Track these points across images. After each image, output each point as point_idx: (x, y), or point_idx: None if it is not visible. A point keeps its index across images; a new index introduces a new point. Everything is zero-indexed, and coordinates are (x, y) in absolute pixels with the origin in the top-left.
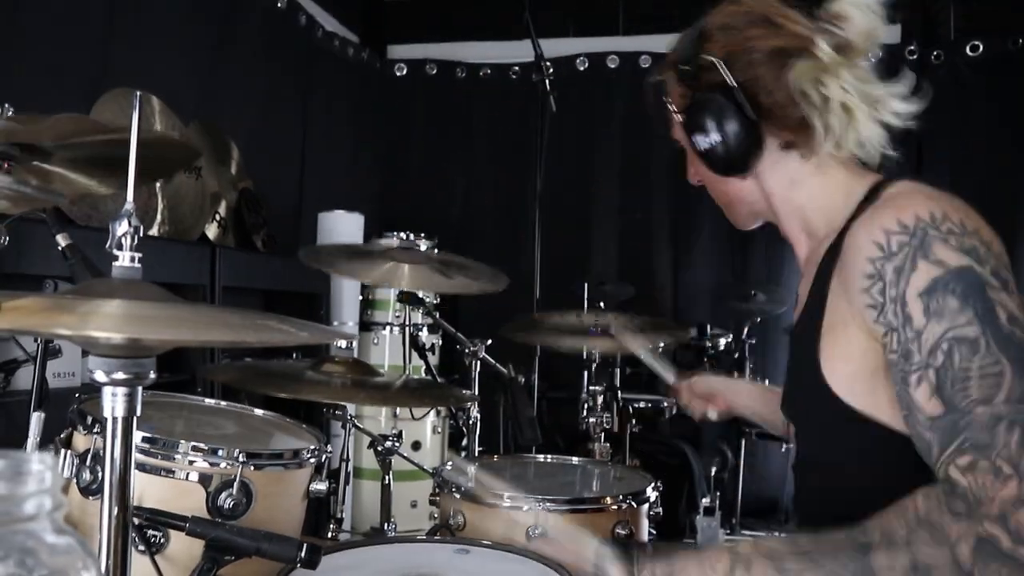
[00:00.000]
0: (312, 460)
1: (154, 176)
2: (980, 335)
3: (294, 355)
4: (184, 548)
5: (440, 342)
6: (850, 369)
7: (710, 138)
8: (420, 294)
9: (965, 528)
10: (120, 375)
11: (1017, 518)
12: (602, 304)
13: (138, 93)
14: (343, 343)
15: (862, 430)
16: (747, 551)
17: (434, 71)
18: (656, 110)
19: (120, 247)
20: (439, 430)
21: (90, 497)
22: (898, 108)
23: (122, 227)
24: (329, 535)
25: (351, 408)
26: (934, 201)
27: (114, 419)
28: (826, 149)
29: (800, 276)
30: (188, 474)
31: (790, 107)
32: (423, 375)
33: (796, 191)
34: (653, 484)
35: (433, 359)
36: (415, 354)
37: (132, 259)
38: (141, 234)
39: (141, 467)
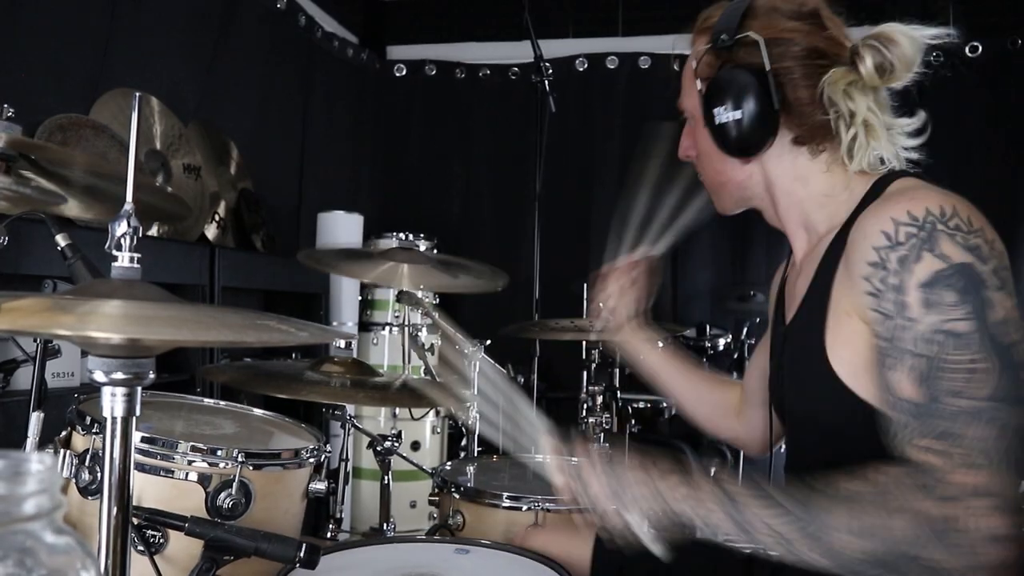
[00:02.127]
0: (311, 460)
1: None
2: (971, 331)
3: (293, 355)
4: (183, 548)
5: (439, 342)
6: (856, 359)
7: (729, 114)
8: (420, 294)
9: (919, 501)
10: (119, 375)
11: (972, 505)
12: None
13: (137, 94)
14: (342, 343)
15: (870, 421)
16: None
17: (433, 72)
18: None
19: (119, 247)
20: (438, 430)
21: (89, 497)
22: (907, 143)
23: (121, 227)
24: (328, 535)
25: (350, 408)
26: (943, 197)
27: (113, 419)
28: (843, 159)
29: (789, 272)
30: (187, 474)
31: (812, 108)
32: (422, 375)
33: (801, 186)
34: None
35: (432, 359)
36: (414, 354)
37: (131, 259)
38: (140, 234)
39: (140, 467)
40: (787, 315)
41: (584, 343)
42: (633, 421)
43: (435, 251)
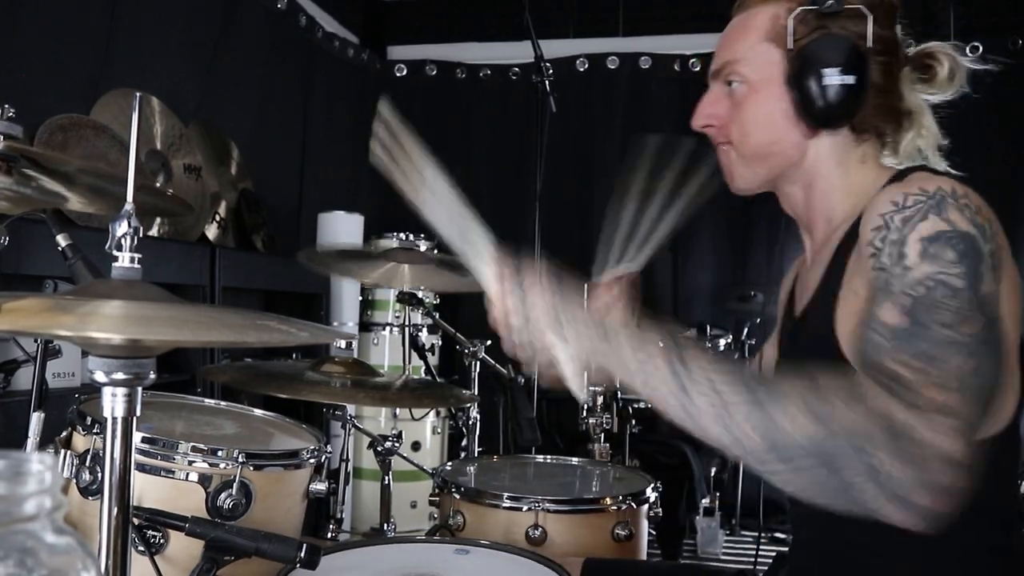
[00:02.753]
0: (311, 460)
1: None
2: (964, 288)
3: (294, 355)
4: (184, 548)
5: (440, 342)
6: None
7: (823, 81)
8: (420, 294)
9: (887, 403)
10: (120, 375)
11: (936, 422)
12: None
13: (138, 95)
14: (343, 343)
15: None
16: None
17: (434, 72)
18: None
19: (119, 248)
20: (439, 431)
21: (90, 497)
22: (938, 155)
23: (122, 228)
24: (329, 535)
25: (351, 408)
26: (956, 182)
27: (114, 419)
28: (876, 154)
29: (802, 267)
30: (188, 474)
31: (884, 96)
32: (423, 375)
33: (841, 172)
34: (653, 485)
35: (433, 359)
36: (415, 354)
37: (132, 260)
38: (140, 235)
39: (141, 467)
40: (797, 308)
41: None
42: (634, 421)
43: (436, 251)
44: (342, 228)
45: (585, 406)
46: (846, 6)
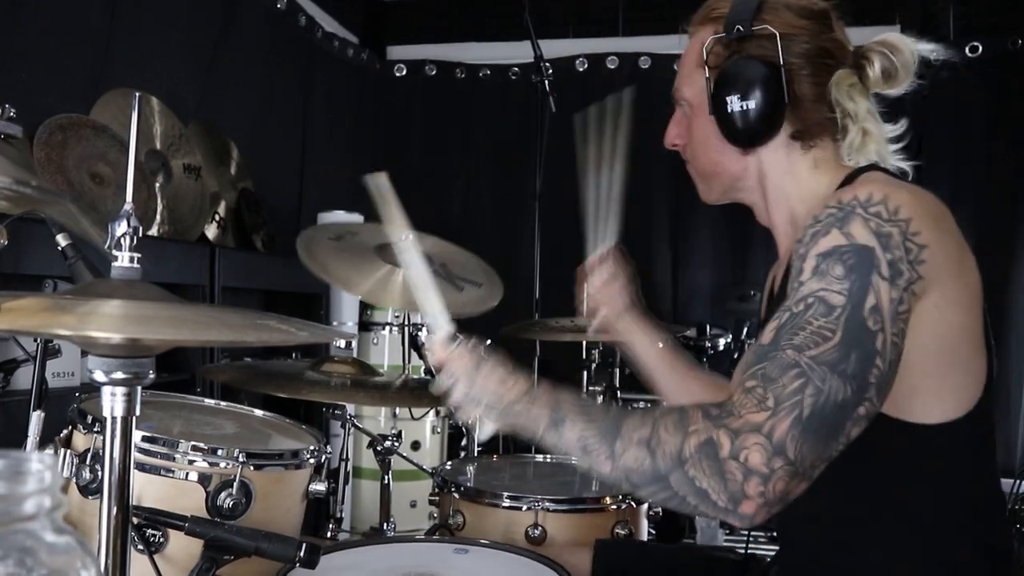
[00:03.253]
0: (311, 460)
1: None
2: (839, 305)
3: (294, 355)
4: (183, 547)
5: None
6: None
7: (739, 103)
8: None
9: (706, 426)
10: (119, 375)
11: (747, 440)
12: None
13: (137, 94)
14: (342, 343)
15: None
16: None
17: (433, 72)
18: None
19: (119, 247)
20: (438, 430)
21: (89, 497)
22: (890, 148)
23: (121, 227)
24: (328, 535)
25: (350, 408)
26: (879, 186)
27: (113, 419)
28: (830, 158)
29: (778, 270)
30: (188, 474)
31: (815, 105)
32: (422, 375)
33: (790, 181)
34: None
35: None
36: (414, 354)
37: (131, 259)
38: (140, 234)
39: (141, 467)
40: (764, 313)
41: (584, 343)
42: None
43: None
44: None
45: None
46: (754, 29)
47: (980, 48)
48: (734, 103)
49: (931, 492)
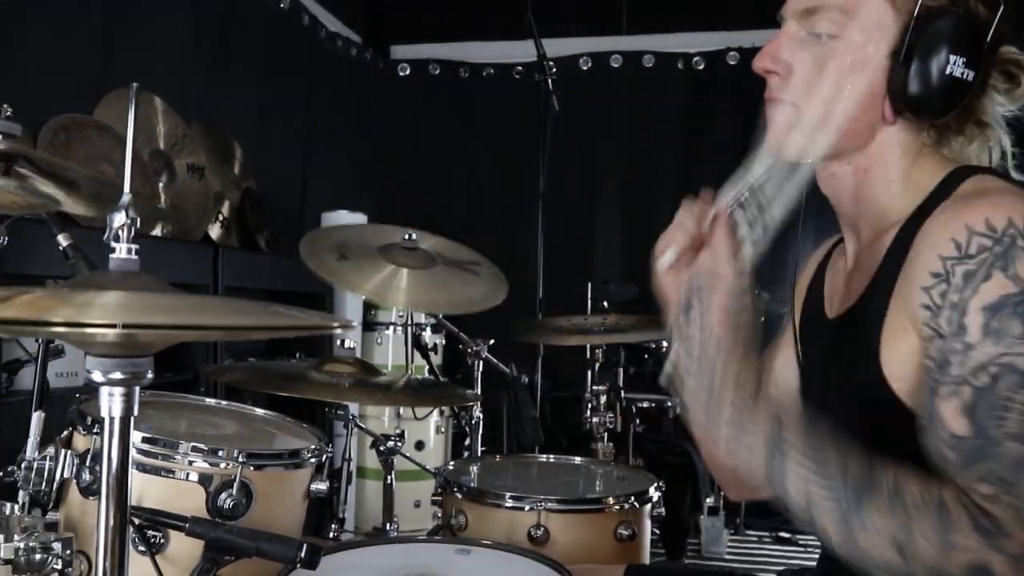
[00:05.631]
0: (312, 460)
1: None
2: None
3: (297, 355)
4: (184, 548)
5: (443, 342)
6: (915, 378)
7: (944, 65)
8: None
9: (978, 544)
10: (117, 375)
11: (1020, 560)
12: (605, 303)
13: (135, 85)
14: (349, 343)
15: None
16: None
17: (437, 71)
18: None
19: (117, 239)
20: (442, 430)
21: (90, 497)
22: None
23: (119, 219)
24: (331, 535)
25: (354, 408)
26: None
27: (111, 419)
28: (957, 152)
29: (835, 261)
30: (188, 474)
31: (974, 99)
32: (426, 375)
33: (902, 162)
34: (656, 484)
35: (436, 359)
36: (418, 354)
37: (130, 251)
38: (138, 226)
39: (141, 467)
40: (832, 308)
41: (588, 343)
42: (638, 420)
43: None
44: None
45: (588, 405)
46: None
47: None
48: (936, 66)
49: None
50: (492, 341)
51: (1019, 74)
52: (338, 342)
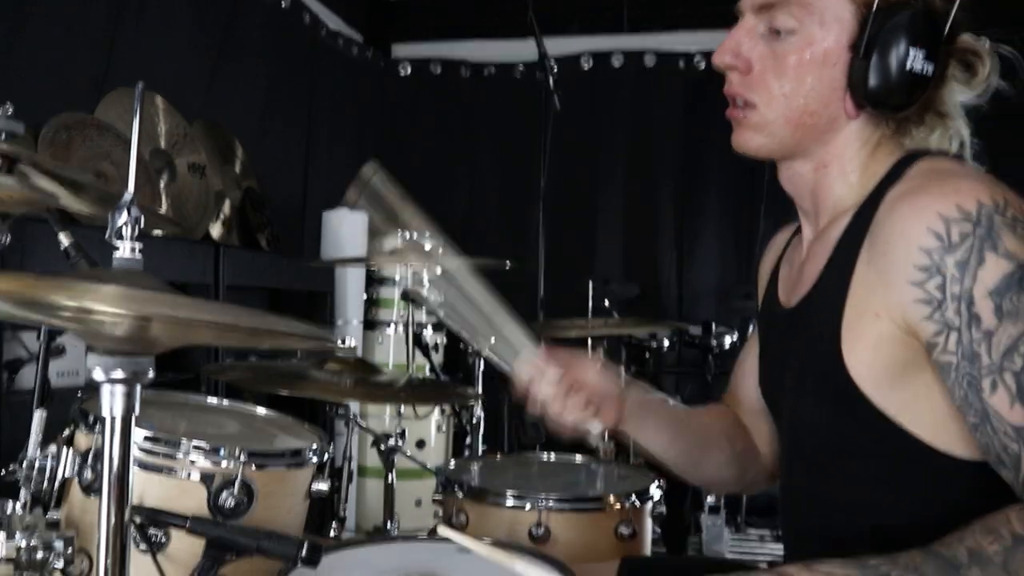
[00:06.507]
0: (314, 459)
1: None
2: None
3: (298, 354)
4: (185, 547)
5: (444, 340)
6: (878, 365)
7: (904, 58)
8: (424, 291)
9: None
10: (119, 373)
11: None
12: (607, 302)
13: (140, 83)
14: (350, 342)
15: (883, 432)
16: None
17: (438, 70)
18: None
19: (120, 237)
20: (443, 429)
21: (91, 496)
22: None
23: (122, 216)
24: (332, 534)
25: (355, 407)
26: (988, 183)
27: (113, 418)
28: (919, 142)
29: (790, 252)
30: (189, 473)
31: (936, 88)
32: (427, 373)
33: (860, 155)
34: (657, 483)
35: (437, 357)
36: (419, 352)
37: (133, 249)
38: (141, 224)
39: (142, 466)
40: (787, 298)
41: (588, 343)
42: None
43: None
44: (346, 226)
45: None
46: None
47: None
48: (896, 59)
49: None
50: (493, 340)
51: (976, 63)
52: (339, 341)
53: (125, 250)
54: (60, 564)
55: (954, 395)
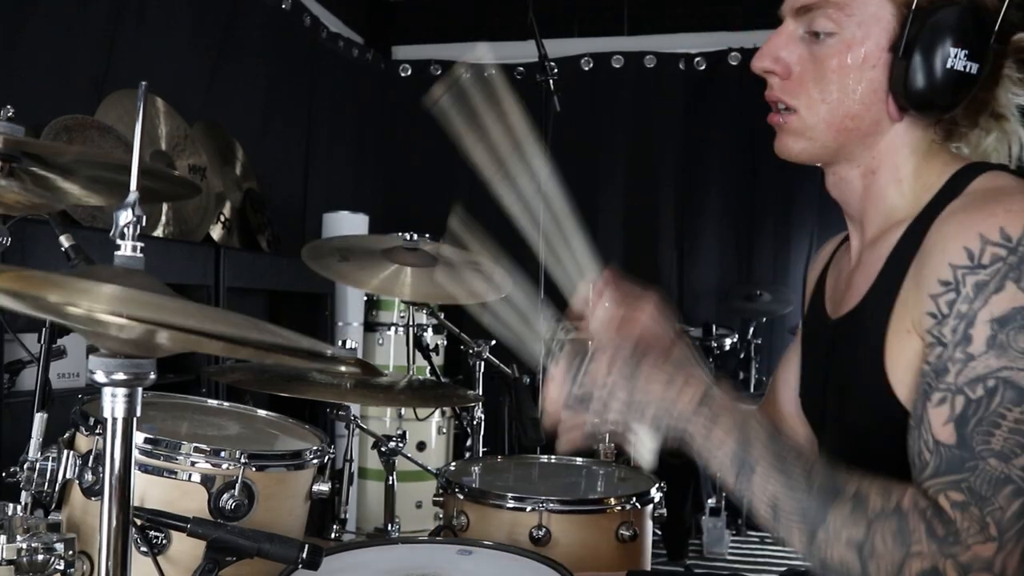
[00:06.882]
0: (314, 461)
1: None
2: None
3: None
4: (186, 549)
5: (444, 342)
6: (913, 382)
7: (945, 59)
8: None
9: (932, 551)
10: (120, 375)
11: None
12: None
13: (143, 83)
14: (350, 344)
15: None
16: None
17: (439, 72)
18: None
19: (123, 236)
20: (444, 431)
21: (92, 498)
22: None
23: (126, 216)
24: (333, 535)
25: (355, 409)
26: None
27: (113, 420)
28: (974, 145)
29: (839, 261)
30: (190, 475)
31: (985, 90)
32: (427, 375)
33: (911, 161)
34: (657, 485)
35: (437, 360)
36: (419, 354)
37: (134, 248)
38: (143, 223)
39: (143, 468)
40: (834, 309)
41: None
42: None
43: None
44: (347, 228)
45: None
46: None
47: None
48: (938, 60)
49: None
50: (493, 342)
51: None
52: (339, 343)
53: (126, 249)
54: (61, 566)
55: (912, 402)
